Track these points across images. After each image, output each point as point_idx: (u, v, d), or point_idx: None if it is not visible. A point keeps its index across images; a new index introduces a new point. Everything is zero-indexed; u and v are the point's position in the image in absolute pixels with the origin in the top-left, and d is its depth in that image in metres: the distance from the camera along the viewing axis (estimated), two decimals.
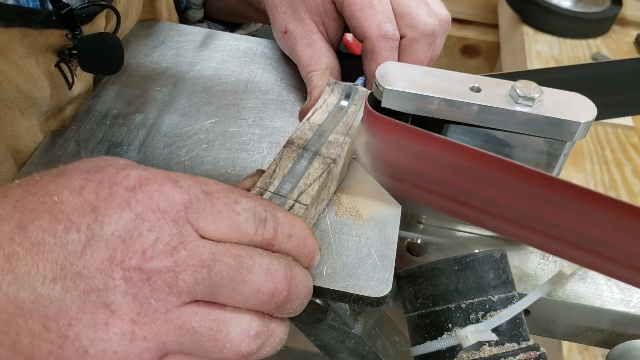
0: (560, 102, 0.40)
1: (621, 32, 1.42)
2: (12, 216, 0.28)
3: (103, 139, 0.48)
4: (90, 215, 0.28)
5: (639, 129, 1.15)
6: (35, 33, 0.45)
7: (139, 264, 0.27)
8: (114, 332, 0.27)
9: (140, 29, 0.61)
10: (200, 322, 0.28)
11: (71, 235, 0.27)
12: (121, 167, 0.30)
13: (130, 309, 0.27)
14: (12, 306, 0.27)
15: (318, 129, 0.42)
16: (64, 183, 0.29)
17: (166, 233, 0.28)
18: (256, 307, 0.30)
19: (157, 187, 0.29)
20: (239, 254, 0.29)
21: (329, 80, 0.47)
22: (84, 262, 0.27)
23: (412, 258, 0.47)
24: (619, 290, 0.45)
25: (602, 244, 0.35)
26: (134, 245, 0.28)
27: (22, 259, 0.27)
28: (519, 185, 0.36)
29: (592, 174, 1.07)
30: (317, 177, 0.39)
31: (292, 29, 0.53)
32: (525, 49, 1.36)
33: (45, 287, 0.27)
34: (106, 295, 0.27)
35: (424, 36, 0.48)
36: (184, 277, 0.28)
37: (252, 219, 0.30)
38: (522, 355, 0.37)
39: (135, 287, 0.27)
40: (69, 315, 0.27)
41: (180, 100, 0.52)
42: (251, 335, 0.29)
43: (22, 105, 0.47)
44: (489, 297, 0.39)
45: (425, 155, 0.39)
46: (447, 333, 0.39)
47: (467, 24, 1.84)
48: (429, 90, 0.40)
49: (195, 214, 0.29)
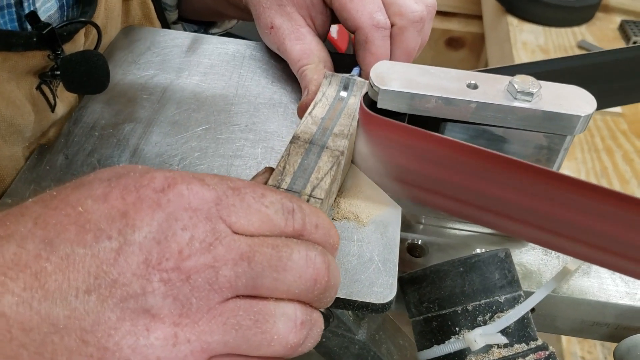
0: (559, 96, 0.40)
1: (605, 19, 1.43)
2: (35, 232, 0.27)
3: (92, 151, 0.46)
4: (120, 221, 0.27)
5: (627, 115, 1.15)
6: (16, 56, 0.44)
7: (177, 264, 0.27)
8: (155, 337, 0.26)
9: (125, 36, 0.59)
10: (244, 315, 0.28)
11: (102, 244, 0.27)
12: (144, 171, 0.29)
13: (171, 311, 0.27)
14: (46, 324, 0.26)
15: (321, 122, 0.42)
16: (85, 193, 0.28)
17: (200, 231, 0.27)
18: (299, 296, 0.29)
19: (185, 187, 0.28)
20: (275, 243, 0.29)
21: (326, 73, 0.47)
22: (119, 269, 0.26)
23: (413, 259, 0.46)
24: (624, 283, 0.45)
25: (605, 237, 0.35)
26: (170, 245, 0.27)
27: (51, 275, 0.26)
28: (519, 181, 0.35)
29: (583, 163, 1.07)
30: (327, 171, 0.38)
31: (279, 24, 0.52)
32: (511, 39, 1.36)
33: (80, 300, 0.26)
34: (145, 300, 0.26)
35: (413, 23, 0.49)
36: (224, 272, 0.27)
37: (281, 211, 0.30)
38: (532, 356, 0.36)
39: (174, 288, 0.27)
40: (107, 325, 0.26)
41: (169, 107, 0.51)
42: (297, 324, 0.29)
43: (5, 133, 0.45)
44: (496, 298, 0.38)
45: (423, 154, 0.38)
46: (455, 336, 0.38)
47: (451, 16, 1.84)
48: (425, 89, 0.39)
49: (226, 210, 0.28)
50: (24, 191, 0.44)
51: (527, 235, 0.40)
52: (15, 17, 0.44)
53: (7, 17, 0.44)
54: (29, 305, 0.25)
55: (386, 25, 0.49)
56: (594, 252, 0.36)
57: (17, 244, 0.27)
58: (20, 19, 0.45)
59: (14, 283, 0.26)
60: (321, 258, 0.30)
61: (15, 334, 0.25)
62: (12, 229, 0.27)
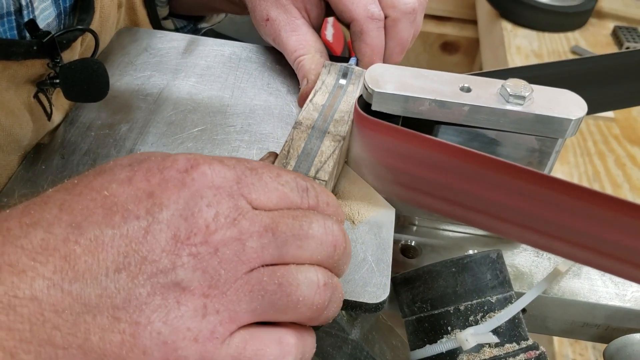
0: (550, 100, 0.40)
1: (598, 24, 1.44)
2: (61, 218, 0.28)
3: (88, 150, 0.47)
4: (147, 201, 0.28)
5: (620, 120, 1.16)
6: (16, 65, 0.44)
7: (205, 238, 0.28)
8: (186, 309, 0.27)
9: (122, 37, 0.60)
10: (268, 280, 0.29)
11: (131, 223, 0.27)
12: (165, 155, 0.30)
13: (200, 284, 0.28)
14: (78, 304, 0.26)
15: (322, 109, 0.44)
16: (108, 178, 0.29)
17: (224, 207, 0.29)
18: (321, 262, 0.31)
19: (208, 166, 0.29)
20: (295, 214, 0.30)
21: (325, 62, 0.49)
22: (148, 247, 0.27)
23: (407, 260, 0.46)
24: (614, 285, 0.45)
25: (595, 239, 0.35)
26: (197, 221, 0.28)
27: (80, 257, 0.27)
28: (511, 183, 0.36)
29: (575, 167, 1.07)
30: (330, 154, 0.40)
31: (274, 17, 0.53)
32: (505, 44, 1.37)
33: (110, 279, 0.27)
34: (175, 274, 0.27)
35: (406, 14, 0.51)
36: (250, 243, 0.28)
37: (296, 189, 0.32)
38: (523, 355, 0.37)
39: (204, 261, 0.28)
40: (138, 301, 0.27)
41: (165, 108, 0.51)
42: (320, 285, 0.30)
43: (3, 143, 0.45)
44: (488, 298, 0.38)
45: (417, 156, 0.38)
46: (447, 336, 0.38)
47: (446, 21, 1.84)
48: (419, 92, 0.40)
49: (246, 188, 0.30)
50: (19, 190, 0.44)
51: (519, 236, 0.40)
52: (15, 25, 0.44)
53: (7, 25, 0.44)
54: (60, 288, 0.26)
55: (380, 16, 0.50)
56: (585, 254, 0.37)
57: (44, 229, 0.27)
58: (19, 27, 0.45)
59: (43, 267, 0.26)
60: (338, 226, 0.32)
61: (48, 317, 0.26)
62: (37, 216, 0.28)
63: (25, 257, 0.26)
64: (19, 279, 0.26)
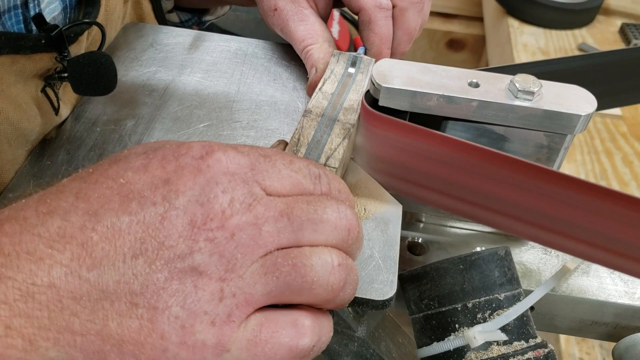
0: (559, 95, 0.40)
1: (606, 21, 1.43)
2: (77, 206, 0.28)
3: (94, 146, 0.47)
4: (163, 187, 0.28)
5: (627, 118, 1.15)
6: (24, 59, 0.44)
7: (222, 223, 0.28)
8: (203, 293, 0.27)
9: (128, 32, 0.59)
10: (282, 262, 0.29)
11: (147, 210, 0.28)
12: (179, 143, 0.31)
13: (217, 268, 0.28)
14: (96, 291, 0.27)
15: (331, 97, 0.44)
16: (124, 166, 0.29)
17: (239, 193, 0.29)
18: (336, 245, 0.31)
19: (222, 153, 0.30)
20: (309, 199, 0.31)
21: (334, 52, 0.49)
22: (165, 232, 0.27)
23: (413, 257, 0.46)
24: (623, 283, 0.45)
25: (604, 236, 0.35)
26: (213, 207, 0.28)
27: (97, 244, 0.27)
28: (520, 180, 0.35)
29: (582, 164, 1.07)
30: (340, 142, 0.40)
31: (282, 6, 0.53)
32: (512, 41, 1.36)
33: (128, 265, 0.27)
34: (192, 259, 0.27)
35: (413, 4, 0.52)
36: (266, 228, 0.29)
37: (309, 176, 0.32)
38: (531, 353, 0.37)
39: (220, 245, 0.28)
40: (156, 286, 0.27)
41: (171, 104, 0.51)
42: (335, 265, 0.30)
43: (11, 137, 0.45)
44: (496, 296, 0.38)
45: (425, 152, 0.38)
46: (454, 333, 0.38)
47: (452, 18, 1.83)
48: (427, 87, 0.40)
49: (260, 175, 0.30)
50: (25, 186, 0.44)
51: (527, 233, 0.40)
52: (22, 18, 0.44)
53: (14, 19, 0.44)
54: (77, 275, 0.27)
55: (388, 5, 0.51)
56: (594, 251, 0.36)
57: (61, 217, 0.28)
58: (26, 21, 0.44)
59: (61, 254, 0.27)
60: (351, 211, 0.32)
61: (66, 304, 0.26)
62: (53, 205, 0.28)
63: (43, 245, 0.27)
64: (36, 267, 0.26)
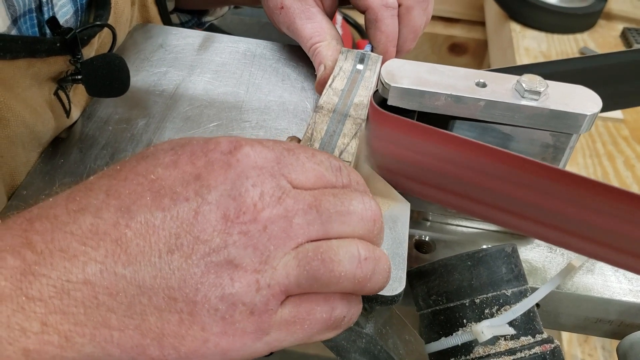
0: (565, 95, 0.41)
1: (607, 26, 1.44)
2: (109, 203, 0.28)
3: (106, 144, 0.47)
4: (194, 183, 0.29)
5: (629, 121, 1.16)
6: (39, 62, 0.44)
7: (254, 216, 0.29)
8: (240, 285, 0.28)
9: (138, 33, 0.60)
10: (312, 256, 0.29)
11: (180, 205, 0.28)
12: (208, 138, 0.31)
13: (252, 260, 0.28)
14: (132, 287, 0.27)
15: (342, 93, 0.45)
16: (153, 163, 0.30)
17: (268, 186, 0.29)
18: (363, 236, 0.32)
19: (250, 148, 0.30)
20: (335, 192, 0.31)
21: (342, 49, 0.50)
22: (199, 227, 0.28)
23: (420, 255, 0.47)
24: (627, 280, 0.45)
25: (609, 234, 0.35)
26: (245, 200, 0.29)
27: (132, 240, 0.27)
28: (526, 178, 0.36)
29: (584, 168, 1.07)
30: (352, 136, 0.41)
31: (289, 5, 0.53)
32: (514, 45, 1.37)
33: (164, 260, 0.27)
34: (228, 252, 0.28)
35: (419, 2, 0.52)
36: (297, 220, 0.29)
37: (331, 169, 0.33)
38: (538, 348, 0.37)
39: (254, 238, 0.28)
40: (193, 280, 0.27)
41: (182, 104, 0.52)
42: (361, 259, 0.31)
43: (25, 140, 0.45)
44: (503, 292, 0.39)
45: (434, 152, 0.39)
46: (462, 329, 0.39)
47: (454, 22, 1.84)
48: (435, 87, 0.40)
49: (286, 168, 0.31)
50: (38, 183, 0.45)
51: (533, 231, 0.41)
52: (36, 22, 0.45)
53: (29, 23, 0.44)
54: (113, 271, 0.27)
55: (394, 4, 0.52)
56: (599, 249, 0.37)
57: (93, 214, 0.28)
58: (40, 25, 0.45)
59: (95, 251, 0.27)
60: (374, 202, 0.33)
61: (102, 300, 0.27)
62: (83, 202, 0.28)
63: (76, 243, 0.27)
64: (71, 264, 0.27)
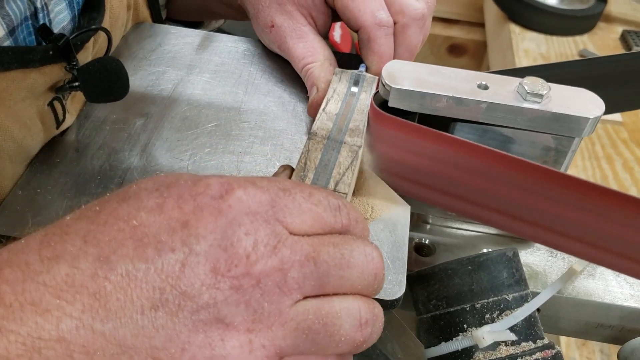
0: (568, 98, 0.40)
1: (607, 28, 1.44)
2: (87, 251, 0.26)
3: (103, 144, 0.47)
4: (181, 231, 0.26)
5: (628, 124, 1.16)
6: (34, 73, 0.42)
7: (247, 270, 0.26)
8: (232, 346, 0.26)
9: (136, 32, 0.60)
10: (314, 319, 0.27)
11: (165, 257, 0.26)
12: (195, 179, 0.28)
13: (244, 318, 0.26)
14: (112, 345, 0.25)
15: (336, 118, 0.43)
16: (135, 206, 0.27)
17: (262, 234, 0.27)
18: (361, 291, 0.29)
19: (243, 191, 0.28)
20: (335, 241, 0.29)
21: (335, 70, 0.48)
22: (186, 281, 0.25)
23: (420, 259, 0.46)
24: (629, 285, 0.45)
25: (611, 238, 0.35)
26: (237, 251, 0.26)
27: (111, 294, 0.25)
28: (527, 182, 0.36)
29: (583, 170, 1.07)
30: (348, 165, 0.39)
31: (279, 23, 0.52)
32: (513, 47, 1.37)
33: (147, 317, 0.25)
34: (217, 310, 0.26)
35: (415, 20, 0.49)
36: (292, 274, 0.27)
37: (329, 209, 0.30)
38: (539, 354, 0.37)
39: (246, 294, 0.26)
40: (180, 340, 0.25)
41: (180, 103, 0.51)
42: (362, 323, 0.29)
43: (13, 154, 0.43)
44: (504, 297, 0.38)
45: (434, 154, 0.38)
46: (462, 334, 0.38)
47: (453, 23, 1.84)
48: (437, 89, 0.40)
49: (281, 212, 0.28)
50: (33, 182, 0.44)
51: (534, 235, 0.40)
52: (32, 30, 0.43)
53: (25, 32, 0.43)
54: (90, 328, 0.25)
55: (389, 23, 0.49)
56: (600, 253, 0.37)
57: (69, 264, 0.25)
58: (37, 32, 0.43)
59: (71, 306, 0.25)
60: (377, 252, 0.30)
61: (78, 358, 0.24)
62: (59, 248, 0.26)
63: (49, 295, 0.25)
64: (43, 319, 0.24)
